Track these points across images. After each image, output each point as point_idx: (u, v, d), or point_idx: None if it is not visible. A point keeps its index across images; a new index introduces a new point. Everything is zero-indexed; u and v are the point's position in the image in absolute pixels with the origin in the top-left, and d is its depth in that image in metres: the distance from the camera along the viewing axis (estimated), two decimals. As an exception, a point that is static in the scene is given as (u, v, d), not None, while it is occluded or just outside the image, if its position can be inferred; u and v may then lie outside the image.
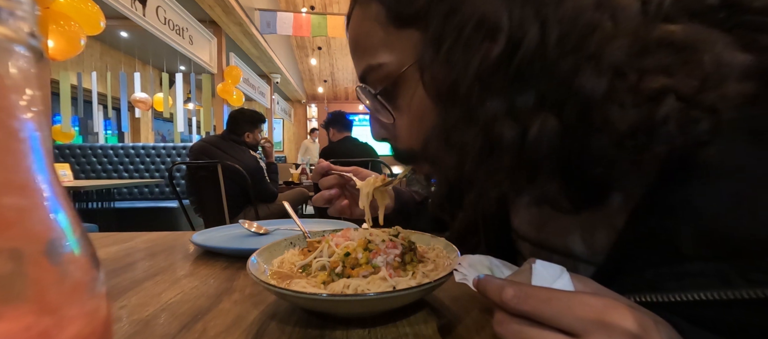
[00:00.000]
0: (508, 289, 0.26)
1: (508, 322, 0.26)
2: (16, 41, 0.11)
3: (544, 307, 0.24)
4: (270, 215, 2.29)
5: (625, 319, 0.23)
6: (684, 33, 0.25)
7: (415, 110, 0.36)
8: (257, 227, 0.75)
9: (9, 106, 0.11)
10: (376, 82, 0.38)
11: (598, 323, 0.22)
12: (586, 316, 0.23)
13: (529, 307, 0.24)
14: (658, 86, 0.25)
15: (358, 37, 0.39)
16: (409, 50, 0.35)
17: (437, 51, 0.31)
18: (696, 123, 0.25)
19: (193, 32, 4.22)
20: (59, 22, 2.28)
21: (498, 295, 0.26)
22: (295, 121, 10.09)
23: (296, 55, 8.06)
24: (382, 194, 0.53)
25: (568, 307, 0.23)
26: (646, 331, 0.23)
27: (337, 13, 5.44)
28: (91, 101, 4.65)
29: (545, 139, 0.27)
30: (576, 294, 0.25)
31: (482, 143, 0.30)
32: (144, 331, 0.35)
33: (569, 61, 0.26)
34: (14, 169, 0.11)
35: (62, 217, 0.13)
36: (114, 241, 0.72)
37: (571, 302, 0.24)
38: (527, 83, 0.27)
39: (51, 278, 0.12)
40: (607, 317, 0.23)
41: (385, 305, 0.36)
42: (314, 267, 0.42)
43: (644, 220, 0.30)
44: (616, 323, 0.22)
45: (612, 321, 0.22)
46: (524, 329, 0.25)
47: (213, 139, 2.30)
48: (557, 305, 0.24)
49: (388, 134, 0.42)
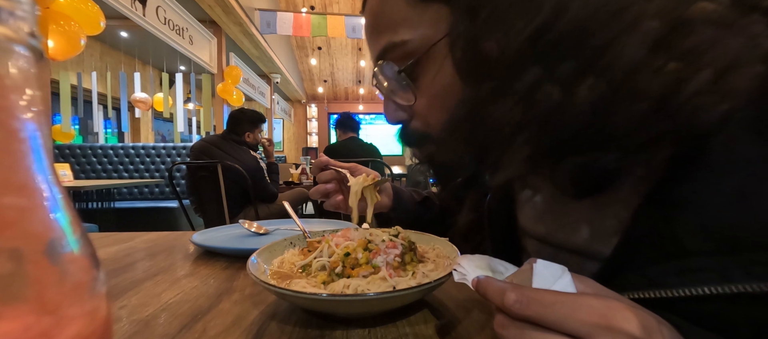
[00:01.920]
0: (510, 294, 0.25)
1: (509, 325, 0.26)
2: (16, 41, 0.11)
3: (548, 312, 0.24)
4: (270, 215, 2.29)
5: (629, 322, 0.22)
6: (719, 13, 0.26)
7: (439, 88, 0.36)
8: (257, 227, 0.75)
9: (9, 106, 0.11)
10: (396, 60, 0.37)
11: (603, 327, 0.22)
12: (591, 320, 0.23)
13: (532, 312, 0.24)
14: (688, 63, 0.25)
15: (378, 14, 0.38)
16: (434, 26, 0.34)
17: (473, 21, 0.30)
18: (720, 102, 0.25)
19: (193, 32, 4.21)
20: (59, 22, 2.28)
21: (499, 298, 0.26)
22: (295, 121, 10.09)
23: (296, 55, 8.06)
24: (372, 193, 0.53)
25: (572, 311, 0.23)
26: (649, 333, 0.23)
27: (337, 13, 5.44)
28: (91, 101, 4.64)
29: (585, 106, 0.27)
30: (579, 296, 0.24)
31: (518, 114, 0.29)
32: (144, 331, 0.35)
33: (607, 32, 0.26)
34: (14, 169, 0.11)
35: (62, 217, 0.13)
36: (114, 241, 0.72)
37: (575, 306, 0.23)
38: (567, 52, 0.28)
39: (51, 278, 0.12)
40: (611, 320, 0.22)
41: (385, 305, 0.36)
42: (314, 267, 0.42)
43: (650, 214, 0.30)
44: (620, 326, 0.22)
45: (616, 324, 0.22)
46: (527, 334, 0.25)
47: (214, 138, 2.30)
48: (561, 310, 0.23)
49: (404, 116, 0.41)
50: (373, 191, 0.53)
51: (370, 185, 0.52)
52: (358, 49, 7.60)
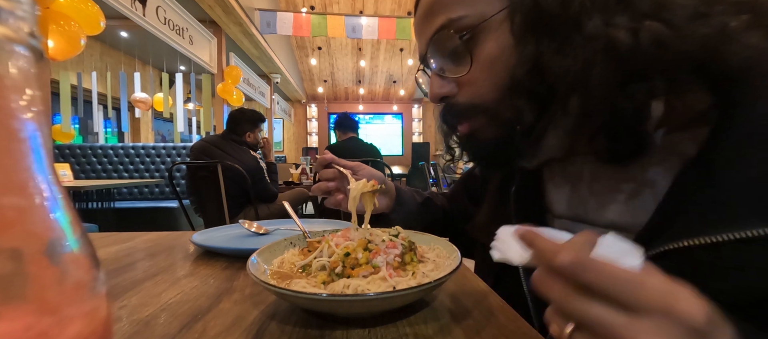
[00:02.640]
0: (566, 253, 0.23)
1: (554, 285, 0.23)
2: (16, 41, 0.11)
3: (606, 281, 0.21)
4: (270, 215, 2.29)
5: (694, 311, 0.21)
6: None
7: (495, 55, 0.38)
8: (257, 227, 0.75)
9: (9, 106, 0.11)
10: (453, 34, 0.40)
11: (663, 309, 0.20)
12: (652, 298, 0.21)
13: (588, 278, 0.22)
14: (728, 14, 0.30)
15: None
16: (489, 2, 0.38)
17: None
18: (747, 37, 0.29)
19: (193, 32, 4.21)
20: (59, 22, 2.28)
21: (551, 254, 0.23)
22: (295, 121, 10.09)
23: (296, 55, 8.06)
24: (370, 199, 0.53)
25: (633, 286, 0.21)
26: (714, 326, 0.21)
27: (337, 13, 5.43)
28: (91, 101, 4.64)
29: (654, 41, 0.30)
30: (644, 273, 0.22)
31: (583, 62, 0.32)
32: (144, 331, 0.35)
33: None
34: (14, 169, 0.11)
35: (62, 217, 0.13)
36: (114, 241, 0.72)
37: (638, 281, 0.21)
38: (629, 4, 0.31)
39: (51, 278, 0.12)
40: (674, 305, 0.20)
41: (385, 305, 0.36)
42: (314, 267, 0.42)
43: (691, 178, 0.32)
44: (683, 312, 0.20)
45: (679, 309, 0.20)
46: (574, 299, 0.22)
47: (214, 138, 2.30)
48: (621, 283, 0.21)
49: (452, 90, 0.43)
50: (372, 198, 0.53)
51: (368, 192, 0.52)
52: (358, 49, 7.60)
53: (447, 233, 0.73)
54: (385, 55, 7.90)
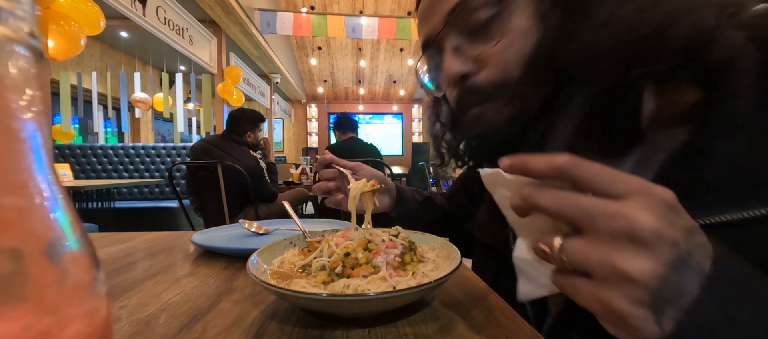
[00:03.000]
0: (561, 156, 0.26)
1: (545, 189, 0.26)
2: (16, 41, 0.11)
3: (596, 173, 0.25)
4: (270, 215, 2.29)
5: (667, 192, 0.24)
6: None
7: (518, 29, 0.38)
8: (257, 227, 0.75)
9: (9, 106, 0.11)
10: (471, 12, 0.40)
11: (646, 190, 0.24)
12: (634, 183, 0.24)
13: (581, 172, 0.25)
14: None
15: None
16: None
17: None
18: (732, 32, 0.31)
19: (193, 32, 4.21)
20: (59, 22, 2.28)
21: (547, 163, 0.26)
22: (295, 121, 10.09)
23: (296, 55, 8.06)
24: (370, 198, 0.53)
25: (617, 176, 0.25)
26: (679, 206, 0.24)
27: (337, 13, 5.43)
28: (91, 101, 4.64)
29: (655, 28, 0.31)
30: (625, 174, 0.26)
31: (612, 33, 0.33)
32: (144, 331, 0.35)
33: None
34: (14, 169, 0.11)
35: (62, 217, 0.13)
36: (114, 241, 0.72)
37: (621, 175, 0.25)
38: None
39: (51, 278, 0.12)
40: (652, 187, 0.24)
41: (385, 305, 0.36)
42: (314, 267, 0.42)
43: (675, 167, 0.34)
44: (660, 192, 0.24)
45: (657, 190, 0.24)
46: (563, 194, 0.25)
47: (214, 138, 2.30)
48: (608, 174, 0.25)
49: (470, 68, 0.42)
50: (372, 197, 0.53)
51: (368, 192, 0.52)
52: (358, 49, 7.60)
53: (447, 233, 0.73)
54: (385, 55, 7.90)
